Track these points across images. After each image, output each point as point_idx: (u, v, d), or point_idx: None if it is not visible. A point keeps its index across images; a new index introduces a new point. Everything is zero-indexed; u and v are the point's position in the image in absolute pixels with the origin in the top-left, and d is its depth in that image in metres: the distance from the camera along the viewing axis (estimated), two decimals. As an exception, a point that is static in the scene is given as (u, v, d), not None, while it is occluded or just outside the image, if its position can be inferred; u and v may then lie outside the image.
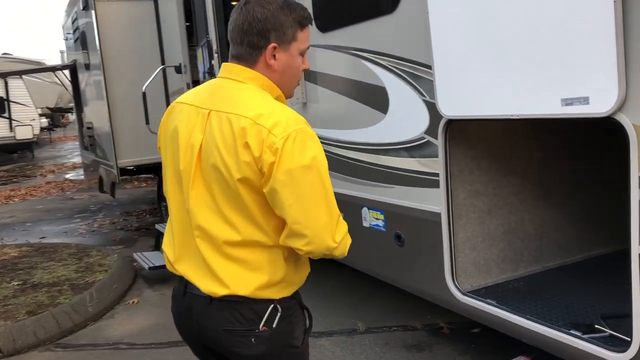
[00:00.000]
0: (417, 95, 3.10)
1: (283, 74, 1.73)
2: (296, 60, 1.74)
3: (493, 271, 3.26)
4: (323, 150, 1.62)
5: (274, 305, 1.67)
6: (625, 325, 2.60)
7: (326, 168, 1.60)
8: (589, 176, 3.56)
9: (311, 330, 1.82)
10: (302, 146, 1.56)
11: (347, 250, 1.64)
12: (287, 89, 1.78)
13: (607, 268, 3.40)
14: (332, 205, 1.61)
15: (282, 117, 1.60)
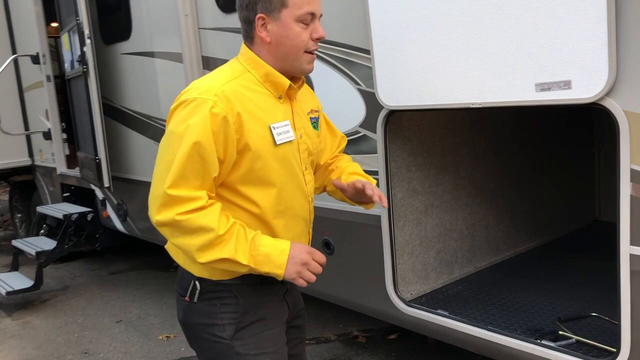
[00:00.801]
0: (350, 84, 2.73)
1: (279, 46, 1.65)
2: (292, 28, 1.63)
3: (430, 276, 2.99)
4: (211, 127, 1.55)
5: (194, 281, 1.72)
6: (587, 327, 2.44)
7: (197, 142, 1.54)
8: (514, 170, 3.45)
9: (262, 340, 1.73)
10: (187, 114, 1.57)
11: (187, 247, 1.59)
12: (290, 63, 1.68)
13: (536, 265, 3.30)
14: (174, 179, 1.55)
15: (199, 85, 1.63)
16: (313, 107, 1.88)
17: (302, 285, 1.62)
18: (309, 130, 1.81)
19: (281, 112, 1.70)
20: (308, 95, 1.90)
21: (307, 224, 1.83)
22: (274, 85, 1.70)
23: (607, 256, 3.32)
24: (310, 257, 1.63)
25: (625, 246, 1.89)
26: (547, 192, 3.68)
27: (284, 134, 1.67)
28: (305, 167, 1.78)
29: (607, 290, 2.82)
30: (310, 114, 1.84)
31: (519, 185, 3.47)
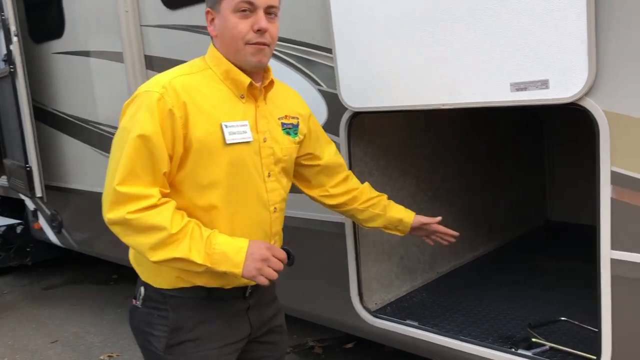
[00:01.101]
0: (310, 85, 2.58)
1: (223, 39, 1.64)
2: (230, 19, 1.59)
3: (394, 284, 2.88)
4: (158, 120, 1.51)
5: (141, 285, 1.70)
6: (557, 333, 2.40)
7: (142, 135, 1.50)
8: (471, 172, 3.40)
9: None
10: (135, 108, 1.54)
11: (139, 247, 1.54)
12: (235, 56, 1.63)
13: (498, 268, 3.25)
14: (124, 175, 1.50)
15: (152, 79, 1.61)
16: (291, 112, 1.82)
17: (264, 283, 1.56)
18: (277, 135, 1.74)
19: (240, 112, 1.64)
20: (288, 99, 1.85)
21: (266, 236, 1.73)
22: (235, 83, 1.65)
23: (565, 257, 3.35)
24: (270, 253, 1.57)
25: (605, 250, 1.83)
26: (502, 193, 3.66)
27: (239, 134, 1.61)
28: (269, 174, 1.69)
29: (572, 293, 2.80)
30: (284, 120, 1.77)
31: (476, 188, 3.43)
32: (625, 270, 1.80)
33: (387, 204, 2.12)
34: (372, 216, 2.10)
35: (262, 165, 1.67)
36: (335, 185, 2.04)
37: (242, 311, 1.72)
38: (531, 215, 4.01)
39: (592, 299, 2.68)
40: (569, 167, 3.98)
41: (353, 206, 2.07)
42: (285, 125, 1.76)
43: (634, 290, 1.80)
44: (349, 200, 2.06)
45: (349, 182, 2.08)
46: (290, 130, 1.78)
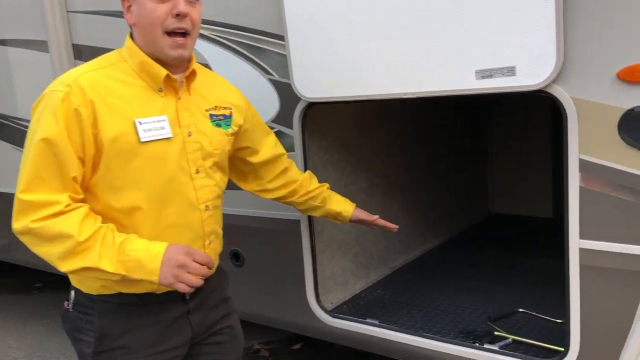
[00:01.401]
0: (260, 74, 2.44)
1: (140, 27, 1.55)
2: (146, 4, 1.50)
3: (349, 282, 2.79)
4: (63, 121, 1.43)
5: (72, 287, 1.63)
6: (517, 325, 2.38)
7: (46, 139, 1.42)
8: (420, 165, 3.36)
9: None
10: (40, 109, 1.48)
11: (48, 257, 1.45)
12: (153, 47, 1.54)
13: (449, 262, 3.23)
14: (27, 182, 1.43)
15: (59, 78, 1.52)
16: (221, 103, 1.72)
17: (185, 290, 1.47)
18: (205, 128, 1.65)
19: (158, 106, 1.56)
20: (218, 89, 1.76)
21: (198, 236, 1.63)
22: (150, 76, 1.56)
23: (513, 249, 3.37)
24: (189, 259, 1.47)
25: (574, 240, 1.80)
26: (449, 186, 3.66)
27: (155, 131, 1.52)
28: (197, 170, 1.60)
29: (525, 284, 2.81)
30: (213, 111, 1.68)
31: (425, 181, 3.39)
32: (594, 260, 1.78)
33: (327, 195, 2.11)
34: (310, 207, 2.11)
35: (188, 161, 1.58)
36: (274, 179, 2.00)
37: (182, 315, 1.63)
38: (475, 207, 4.04)
39: (546, 289, 2.72)
40: (511, 158, 4.04)
41: (292, 199, 2.06)
42: (214, 117, 1.68)
43: (602, 280, 1.79)
44: (288, 194, 2.04)
45: (289, 174, 2.03)
46: (221, 122, 1.69)
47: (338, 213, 2.13)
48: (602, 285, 1.79)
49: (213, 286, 1.69)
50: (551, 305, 2.50)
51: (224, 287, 1.79)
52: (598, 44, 1.67)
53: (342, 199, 2.17)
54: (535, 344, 2.15)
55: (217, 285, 1.72)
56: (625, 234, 1.72)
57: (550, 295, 2.63)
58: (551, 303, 2.54)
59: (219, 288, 1.75)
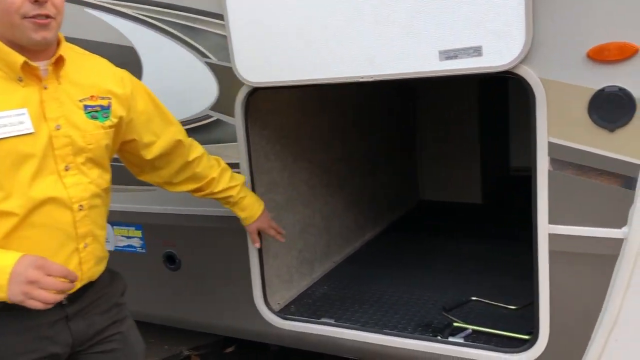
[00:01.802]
0: (196, 57, 2.20)
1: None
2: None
3: (294, 279, 2.63)
4: None
5: None
6: (473, 314, 2.33)
7: None
8: (357, 155, 3.26)
9: None
10: None
11: None
12: (13, 33, 1.38)
13: (390, 252, 3.15)
14: None
15: None
16: (98, 92, 1.56)
17: (38, 307, 1.31)
18: (78, 120, 1.49)
19: (18, 98, 1.40)
20: (96, 76, 1.58)
21: (70, 238, 1.49)
22: (7, 64, 1.40)
23: (450, 236, 3.36)
24: (40, 274, 1.31)
25: (543, 225, 1.75)
26: (382, 175, 3.58)
27: (12, 126, 1.37)
28: (67, 167, 1.46)
29: (470, 271, 2.78)
30: (89, 101, 1.52)
31: (362, 171, 3.29)
32: (564, 245, 1.74)
33: (236, 200, 2.05)
34: (219, 203, 2.08)
35: (55, 157, 1.44)
36: (175, 173, 1.88)
37: (58, 321, 1.49)
38: (407, 196, 4.00)
39: (492, 276, 2.71)
40: (439, 145, 4.04)
41: (199, 195, 1.99)
42: (89, 108, 1.52)
43: (572, 265, 1.75)
44: (195, 190, 1.96)
45: (194, 169, 1.91)
46: (97, 114, 1.54)
47: (242, 219, 2.12)
48: (571, 270, 1.76)
49: (102, 292, 1.58)
50: (501, 292, 2.49)
51: (115, 293, 1.65)
52: (567, 23, 1.62)
53: (249, 204, 2.10)
54: (497, 333, 2.11)
55: (106, 291, 1.60)
56: (595, 218, 1.69)
57: (498, 281, 2.62)
58: (500, 289, 2.52)
59: (109, 294, 1.62)
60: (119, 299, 1.66)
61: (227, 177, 2.00)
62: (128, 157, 1.78)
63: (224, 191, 2.00)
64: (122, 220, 2.54)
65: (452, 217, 3.77)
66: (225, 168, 2.02)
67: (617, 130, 1.61)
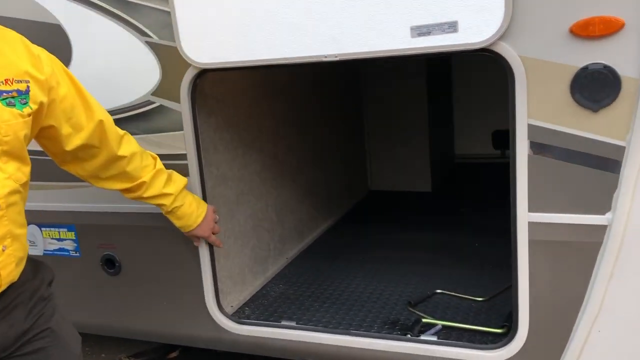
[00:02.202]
0: (134, 36, 1.96)
1: None
2: None
3: (247, 279, 2.44)
4: None
5: None
6: (441, 307, 2.22)
7: None
8: (309, 144, 3.08)
9: None
10: None
11: None
12: None
13: (346, 245, 3.01)
14: None
15: None
16: (14, 74, 1.36)
17: None
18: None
19: None
20: (8, 56, 1.37)
21: None
22: None
23: (403, 226, 3.25)
24: None
25: (523, 214, 1.65)
26: (333, 166, 3.44)
27: None
28: None
29: (429, 262, 2.68)
30: (3, 86, 1.34)
31: (313, 161, 3.13)
32: (544, 234, 1.64)
33: (170, 210, 1.89)
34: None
35: None
36: (102, 167, 1.71)
37: None
38: (357, 186, 3.88)
39: (452, 266, 2.61)
40: (387, 133, 3.93)
41: (129, 195, 1.83)
42: (4, 94, 1.33)
43: (553, 255, 1.66)
44: (124, 190, 1.81)
45: (128, 168, 1.75)
46: (14, 100, 1.35)
47: (178, 227, 1.97)
48: (552, 260, 1.66)
49: (23, 287, 1.41)
50: (465, 283, 2.39)
51: (40, 285, 1.48)
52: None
53: (186, 214, 1.93)
54: (469, 328, 2.00)
55: (29, 286, 1.43)
56: (578, 204, 1.60)
57: (459, 272, 2.53)
58: (463, 280, 2.43)
59: (33, 287, 1.46)
60: (44, 291, 1.48)
61: (160, 183, 1.82)
62: (47, 144, 1.59)
63: (155, 198, 1.84)
64: (53, 221, 2.26)
65: (403, 206, 3.67)
66: (160, 171, 1.82)
67: (601, 110, 1.52)
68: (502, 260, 2.59)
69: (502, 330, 1.95)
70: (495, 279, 2.42)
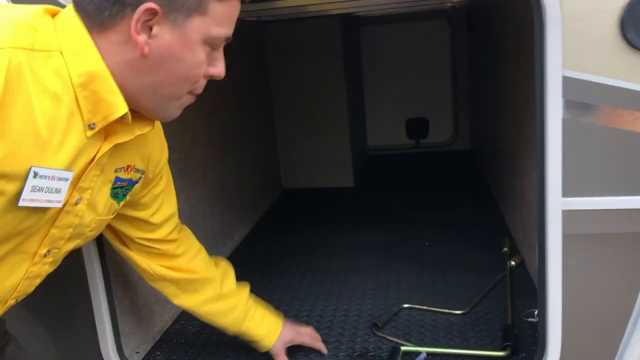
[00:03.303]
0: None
1: (158, 67, 0.97)
2: (195, 50, 0.98)
3: (154, 313, 1.82)
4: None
5: None
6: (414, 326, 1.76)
7: None
8: (220, 139, 2.50)
9: None
10: None
11: None
12: (156, 99, 1.01)
13: (274, 256, 2.46)
14: None
15: None
16: (134, 162, 1.15)
17: None
18: (100, 199, 1.08)
19: (72, 151, 0.94)
20: (143, 141, 1.15)
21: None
22: (94, 101, 0.94)
23: (335, 227, 2.76)
24: None
25: (554, 199, 1.21)
26: (247, 165, 2.88)
27: (47, 194, 0.92)
28: (47, 252, 1.04)
29: (377, 268, 2.22)
30: (122, 173, 1.12)
31: (223, 156, 2.55)
32: (585, 225, 1.22)
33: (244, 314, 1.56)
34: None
35: (43, 239, 1.01)
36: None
37: None
38: (270, 185, 3.34)
39: (404, 271, 2.16)
40: (300, 125, 3.43)
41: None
42: (119, 182, 1.12)
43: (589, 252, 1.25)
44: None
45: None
46: (120, 192, 1.14)
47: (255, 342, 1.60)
48: (593, 259, 1.25)
49: None
50: (426, 292, 1.97)
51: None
52: None
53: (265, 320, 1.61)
54: (465, 354, 1.55)
55: None
56: (631, 184, 1.20)
57: (414, 278, 2.11)
58: (426, 289, 2.00)
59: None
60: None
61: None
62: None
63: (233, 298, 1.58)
64: None
65: (327, 204, 3.20)
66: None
67: (664, 53, 1.13)
68: (465, 258, 2.23)
69: (505, 353, 1.53)
70: (465, 282, 2.02)
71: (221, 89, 2.48)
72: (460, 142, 4.14)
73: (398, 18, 3.91)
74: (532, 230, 1.95)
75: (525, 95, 1.88)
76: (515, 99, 2.18)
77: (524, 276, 2.04)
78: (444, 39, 3.99)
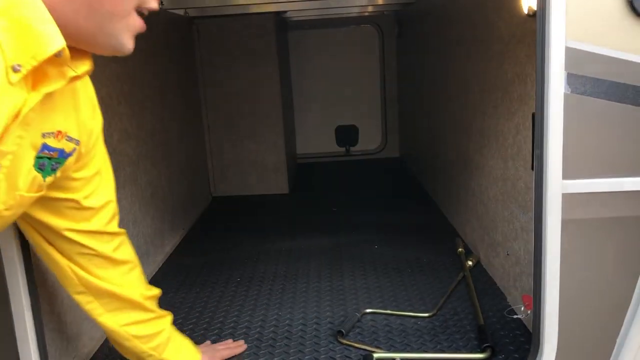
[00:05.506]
0: None
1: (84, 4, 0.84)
2: None
3: (83, 329, 1.56)
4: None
5: None
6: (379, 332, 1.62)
7: None
8: (154, 138, 2.26)
9: None
10: None
11: None
12: (96, 23, 0.85)
13: (210, 265, 2.24)
14: None
15: None
16: (66, 127, 0.97)
17: None
18: (22, 167, 0.89)
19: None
20: (73, 102, 0.99)
21: None
22: (19, 34, 0.77)
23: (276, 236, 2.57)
24: None
25: (555, 182, 1.12)
26: (176, 169, 2.63)
27: None
28: None
29: (330, 274, 2.07)
30: (51, 140, 0.93)
31: (157, 159, 2.31)
32: (587, 209, 1.14)
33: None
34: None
35: None
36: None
37: None
38: (199, 192, 3.10)
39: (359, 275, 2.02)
40: (230, 128, 3.23)
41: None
42: (48, 151, 0.93)
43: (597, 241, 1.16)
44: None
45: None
46: (46, 163, 0.93)
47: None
48: (595, 246, 1.17)
49: None
50: (389, 296, 1.84)
51: None
52: None
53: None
54: (441, 358, 1.43)
55: None
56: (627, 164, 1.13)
57: (375, 281, 1.97)
58: (385, 292, 1.88)
59: None
60: None
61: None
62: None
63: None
64: None
65: (263, 212, 3.01)
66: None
67: (670, 24, 1.08)
68: (419, 260, 2.12)
69: (485, 355, 1.43)
70: (424, 285, 1.92)
71: (147, 82, 2.25)
72: (390, 149, 4.10)
73: (327, 23, 3.83)
74: (492, 228, 1.89)
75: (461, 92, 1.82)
76: (450, 96, 2.13)
77: (482, 275, 1.96)
78: (373, 46, 3.95)
